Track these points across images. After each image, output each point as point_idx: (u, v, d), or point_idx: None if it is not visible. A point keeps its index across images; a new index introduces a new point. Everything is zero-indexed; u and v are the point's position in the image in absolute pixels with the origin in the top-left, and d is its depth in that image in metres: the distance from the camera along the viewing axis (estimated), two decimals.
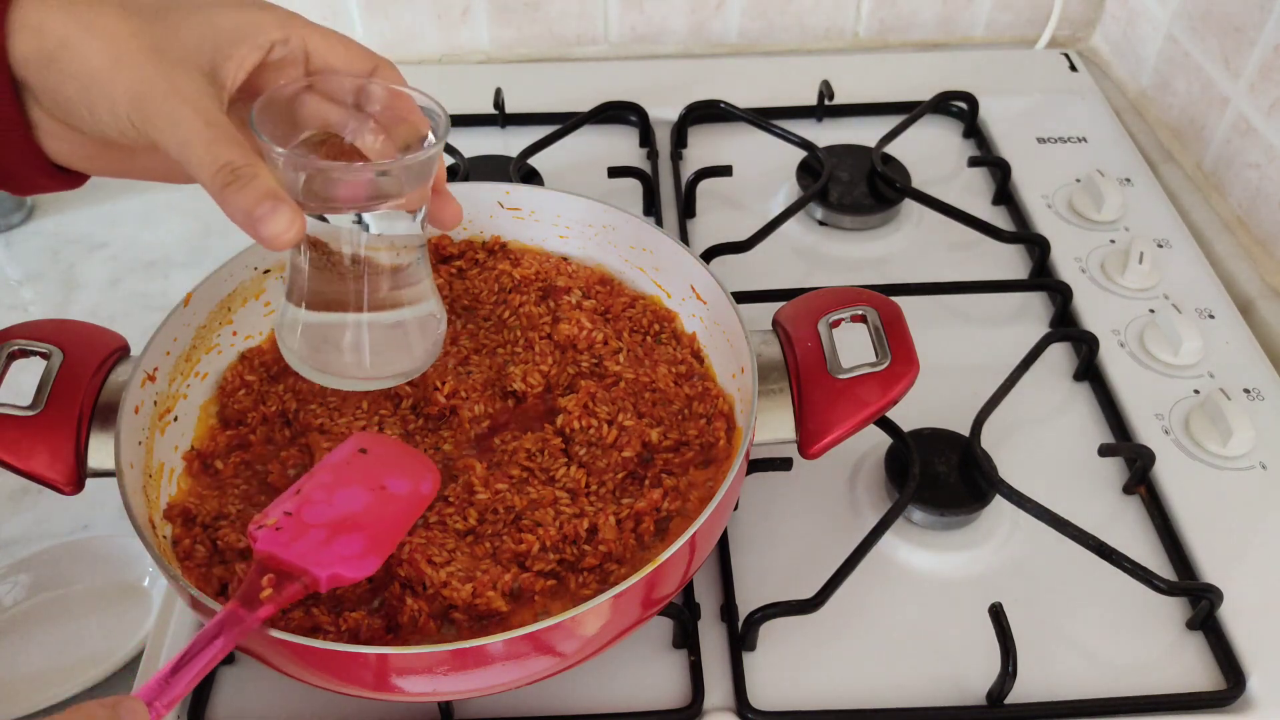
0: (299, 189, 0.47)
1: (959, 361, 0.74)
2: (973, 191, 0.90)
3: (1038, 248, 0.81)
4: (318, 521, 0.52)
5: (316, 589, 0.49)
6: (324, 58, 0.49)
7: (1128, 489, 0.68)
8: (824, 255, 0.85)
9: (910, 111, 0.92)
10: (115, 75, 0.43)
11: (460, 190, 0.70)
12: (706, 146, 0.94)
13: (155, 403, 0.60)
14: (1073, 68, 1.03)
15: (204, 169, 0.43)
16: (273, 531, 0.51)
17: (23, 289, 0.91)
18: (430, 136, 0.50)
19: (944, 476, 0.66)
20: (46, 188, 0.50)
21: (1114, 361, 0.74)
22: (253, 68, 0.47)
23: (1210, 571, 0.63)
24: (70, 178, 0.51)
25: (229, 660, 0.60)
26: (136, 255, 0.93)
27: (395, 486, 0.55)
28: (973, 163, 0.91)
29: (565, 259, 0.71)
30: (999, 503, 0.64)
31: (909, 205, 0.87)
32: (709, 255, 0.79)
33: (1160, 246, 0.83)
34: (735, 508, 0.66)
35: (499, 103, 0.95)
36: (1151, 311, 0.77)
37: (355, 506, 0.53)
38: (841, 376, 0.57)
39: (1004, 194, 0.89)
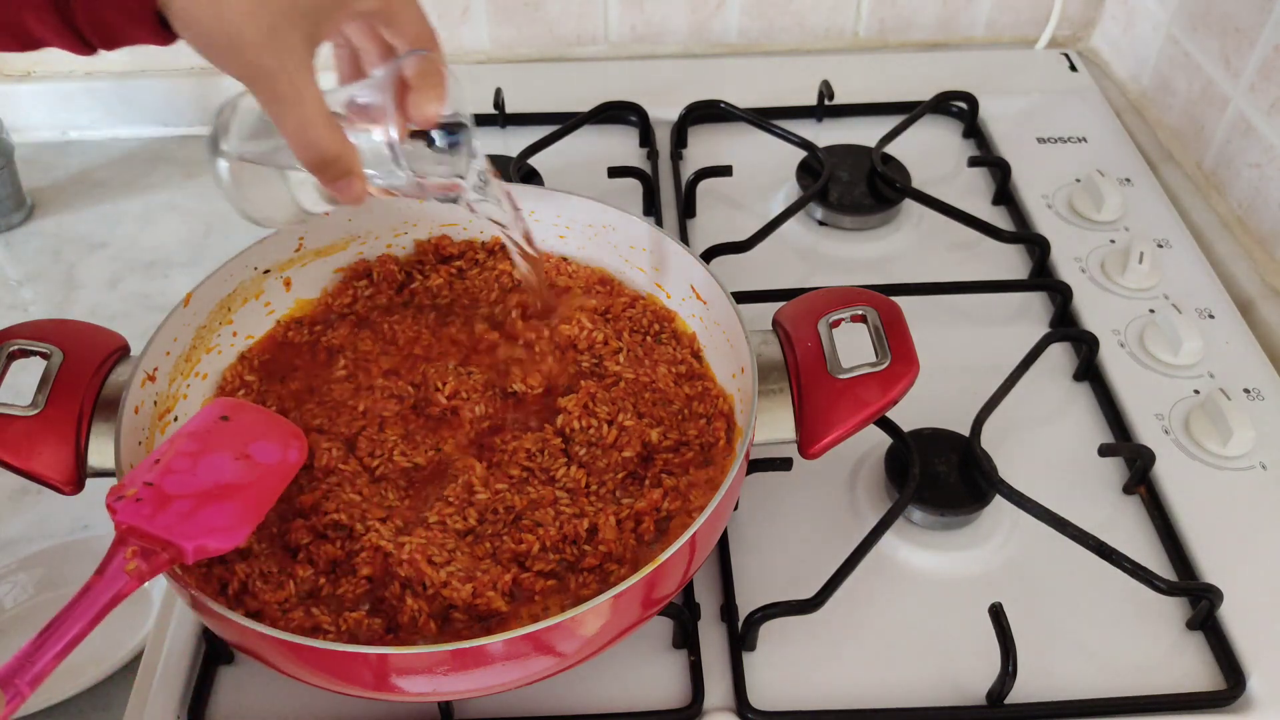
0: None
1: (959, 361, 0.74)
2: (973, 191, 0.90)
3: (1038, 248, 0.81)
4: (181, 492, 0.50)
5: (183, 560, 0.48)
6: (396, 17, 0.53)
7: (1128, 489, 0.68)
8: (824, 255, 0.85)
9: (910, 111, 0.92)
10: (234, 46, 0.47)
11: None
12: (706, 146, 0.94)
13: (155, 403, 0.60)
14: (1073, 68, 1.03)
15: (301, 152, 0.50)
16: (133, 503, 0.49)
17: (23, 289, 0.91)
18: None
19: (944, 476, 0.66)
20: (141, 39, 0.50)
21: (1114, 361, 0.74)
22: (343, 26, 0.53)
23: (1210, 571, 0.63)
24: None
25: (228, 660, 0.60)
26: (136, 255, 0.93)
27: (262, 454, 0.53)
28: (973, 163, 0.91)
29: (565, 259, 0.71)
30: (999, 503, 0.64)
31: (909, 205, 0.87)
32: (709, 255, 0.79)
33: (1160, 246, 0.83)
34: (735, 508, 0.66)
35: (499, 103, 0.95)
36: (1151, 311, 0.77)
37: (221, 476, 0.52)
38: (841, 376, 0.57)
39: (1004, 194, 0.89)
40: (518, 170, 0.86)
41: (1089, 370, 0.74)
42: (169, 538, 0.48)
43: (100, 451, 0.56)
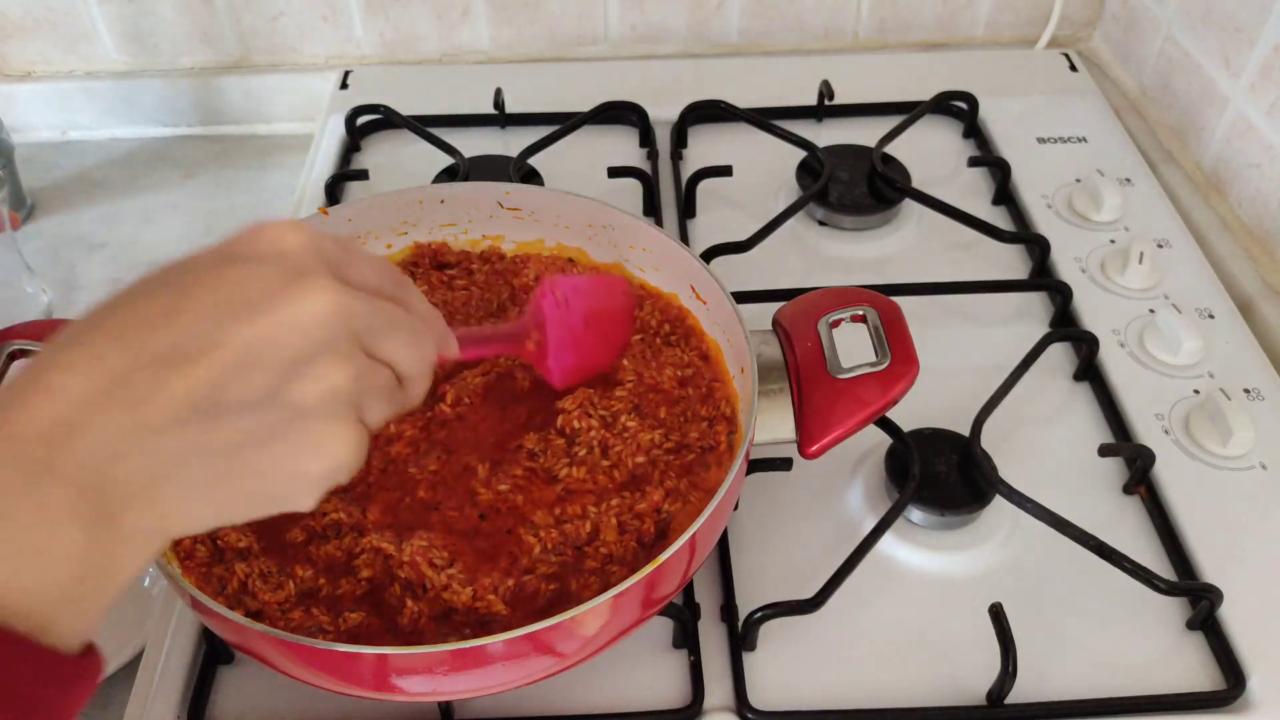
0: None
1: (959, 361, 0.74)
2: (973, 191, 0.90)
3: (1038, 248, 0.81)
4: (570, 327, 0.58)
5: (546, 373, 0.58)
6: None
7: (1128, 489, 0.68)
8: (824, 255, 0.85)
9: (910, 111, 0.92)
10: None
11: (460, 190, 0.71)
12: (706, 146, 0.94)
13: None
14: (1073, 68, 1.03)
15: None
16: (557, 304, 0.57)
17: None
18: None
19: (944, 476, 0.66)
20: None
21: (1114, 361, 0.74)
22: None
23: (1210, 571, 0.63)
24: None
25: (228, 660, 0.60)
26: (136, 255, 0.93)
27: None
28: (973, 163, 0.91)
29: (571, 261, 0.70)
30: (999, 503, 0.64)
31: (909, 205, 0.87)
32: (709, 255, 0.79)
33: (1160, 246, 0.83)
34: (735, 508, 0.66)
35: (499, 103, 0.95)
36: (1151, 311, 0.77)
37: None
38: (841, 376, 0.57)
39: (1004, 194, 0.89)
40: (518, 170, 0.86)
41: (1089, 370, 0.74)
42: (558, 348, 0.57)
43: None
